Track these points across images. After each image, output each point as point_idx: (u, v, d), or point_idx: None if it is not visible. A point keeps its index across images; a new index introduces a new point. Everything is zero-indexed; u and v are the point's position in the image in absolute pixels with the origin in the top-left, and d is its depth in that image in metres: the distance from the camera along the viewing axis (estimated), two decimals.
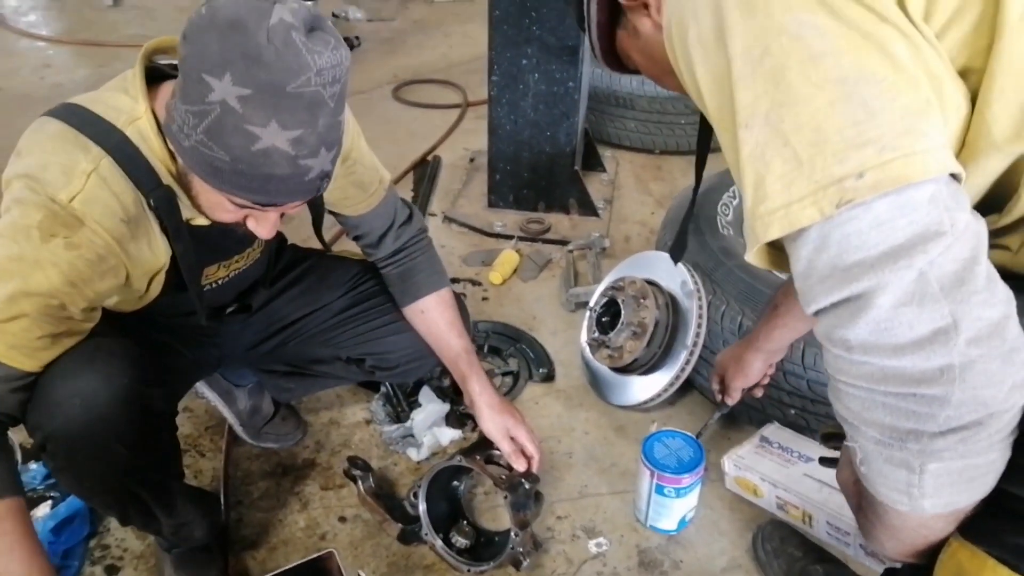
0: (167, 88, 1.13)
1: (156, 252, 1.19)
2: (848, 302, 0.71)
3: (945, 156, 0.69)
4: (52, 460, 1.16)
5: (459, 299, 1.66)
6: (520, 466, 1.48)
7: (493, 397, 1.52)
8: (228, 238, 1.34)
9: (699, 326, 1.79)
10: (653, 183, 2.89)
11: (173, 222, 1.17)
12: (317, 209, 1.39)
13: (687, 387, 1.86)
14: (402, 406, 1.84)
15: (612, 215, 2.65)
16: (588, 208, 2.60)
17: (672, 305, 1.83)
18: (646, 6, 0.89)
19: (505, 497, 1.44)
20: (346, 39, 3.87)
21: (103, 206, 1.07)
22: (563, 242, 2.48)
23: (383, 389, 1.87)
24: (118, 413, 1.11)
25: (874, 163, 0.67)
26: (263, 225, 1.15)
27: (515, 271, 2.37)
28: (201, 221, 1.21)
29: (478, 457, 1.50)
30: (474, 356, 1.54)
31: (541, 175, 2.55)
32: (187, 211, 1.19)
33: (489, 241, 2.53)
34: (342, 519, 1.64)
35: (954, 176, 0.71)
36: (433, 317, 1.54)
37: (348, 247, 1.75)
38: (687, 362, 1.78)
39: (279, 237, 1.54)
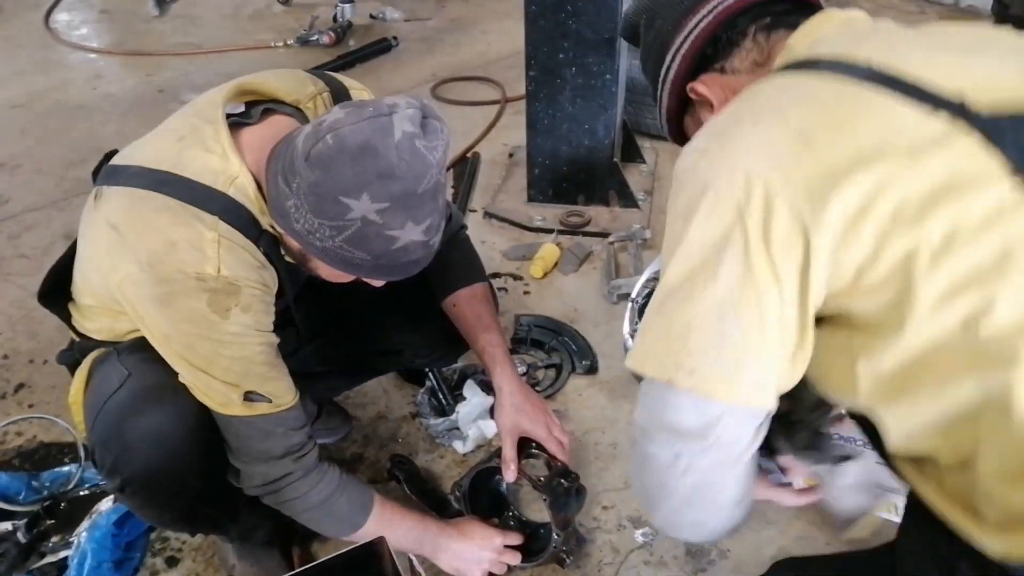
0: (249, 140, 1.17)
1: (275, 281, 1.24)
2: (642, 428, 0.93)
3: (754, 395, 0.83)
4: (131, 500, 1.25)
5: (492, 292, 1.68)
6: (509, 475, 1.49)
7: (514, 394, 1.50)
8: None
9: None
10: None
11: (281, 263, 1.23)
12: None
13: None
14: (447, 400, 1.86)
15: (653, 206, 2.65)
16: (628, 200, 2.59)
17: None
18: (711, 106, 1.02)
19: (544, 499, 1.45)
20: (383, 39, 3.95)
21: (242, 263, 1.13)
22: (603, 234, 2.48)
23: (428, 383, 1.90)
24: (190, 448, 1.18)
25: (705, 372, 0.82)
26: (378, 283, 1.23)
27: (556, 264, 2.38)
28: (291, 259, 1.26)
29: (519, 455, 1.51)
30: (498, 349, 1.53)
31: (580, 168, 2.56)
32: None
33: (529, 235, 2.55)
34: None
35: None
36: (462, 311, 1.56)
37: None
38: None
39: None
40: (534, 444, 1.51)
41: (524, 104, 2.53)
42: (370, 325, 1.64)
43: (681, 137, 1.13)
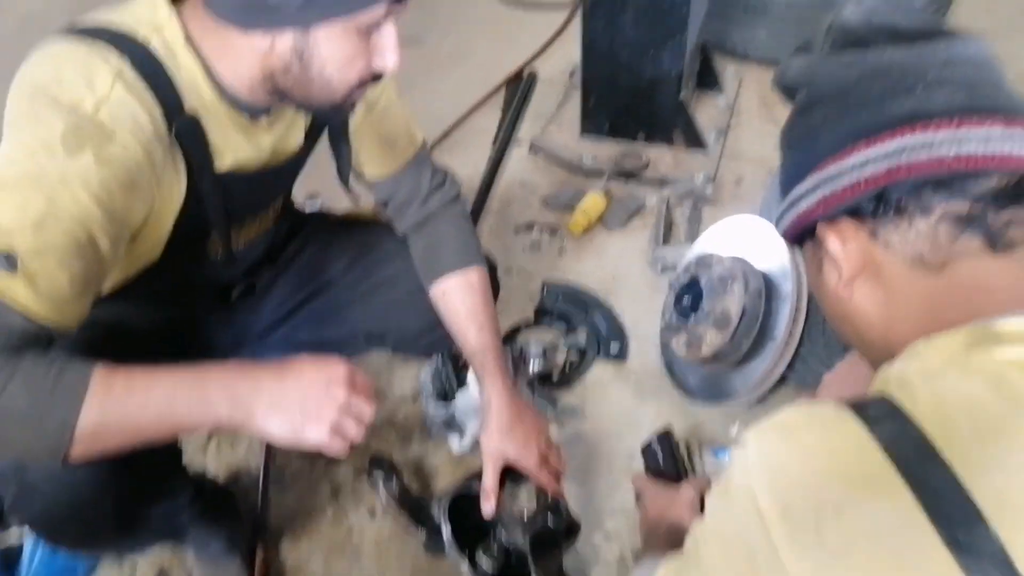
0: (192, 3, 0.96)
1: (178, 187, 1.01)
2: None
3: None
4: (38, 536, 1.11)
5: (492, 273, 1.44)
6: (487, 508, 1.28)
7: (502, 413, 1.29)
8: (251, 192, 1.17)
9: (793, 320, 1.48)
10: (781, 108, 2.43)
11: (199, 155, 1.00)
12: (342, 154, 1.22)
13: (780, 382, 1.57)
14: (451, 383, 1.66)
15: (725, 149, 2.28)
16: (695, 141, 2.23)
17: (766, 291, 1.52)
18: (839, 270, 0.69)
19: (524, 539, 1.25)
20: None
21: (132, 117, 0.90)
22: (661, 182, 2.16)
23: (434, 360, 1.70)
24: (104, 496, 1.01)
25: None
26: (391, 47, 0.97)
27: (600, 218, 2.08)
28: (226, 166, 1.05)
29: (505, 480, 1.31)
30: (490, 355, 1.31)
31: (641, 101, 2.20)
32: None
33: (577, 178, 2.24)
34: (371, 512, 1.52)
35: None
36: (454, 302, 1.33)
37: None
38: (775, 363, 1.49)
39: (283, 203, 1.36)
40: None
41: None
42: (349, 305, 1.44)
43: (793, 242, 0.81)
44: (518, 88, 2.57)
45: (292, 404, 0.90)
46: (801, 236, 0.74)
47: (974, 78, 0.64)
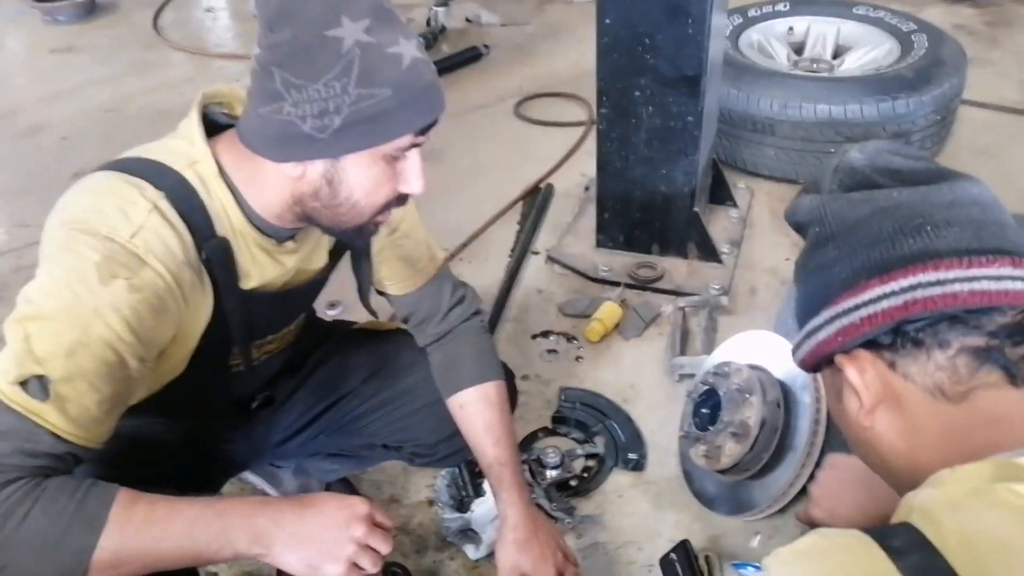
0: (228, 137, 1.05)
1: (205, 307, 1.07)
2: None
3: None
4: None
5: (511, 382, 1.47)
6: None
7: (519, 528, 1.30)
8: (274, 309, 1.22)
9: (814, 432, 1.48)
10: None
11: (226, 276, 1.06)
12: (362, 274, 1.26)
13: (802, 492, 1.56)
14: (467, 491, 1.65)
15: (739, 260, 2.33)
16: (709, 253, 2.29)
17: (784, 401, 1.53)
18: (858, 397, 0.72)
19: None
20: (473, 48, 3.75)
21: (164, 245, 0.97)
22: (676, 293, 2.20)
23: (449, 469, 1.70)
24: None
25: None
26: (415, 173, 1.05)
27: (617, 326, 2.11)
28: (251, 284, 1.10)
29: None
30: (507, 469, 1.34)
31: (655, 216, 2.28)
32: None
33: (593, 287, 2.29)
34: None
35: None
36: (471, 415, 1.36)
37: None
38: (796, 475, 1.49)
39: (306, 316, 1.40)
40: None
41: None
42: (368, 416, 1.46)
43: (810, 370, 0.85)
44: (535, 201, 2.66)
45: (311, 540, 0.95)
46: (818, 365, 0.77)
47: (980, 218, 0.68)
